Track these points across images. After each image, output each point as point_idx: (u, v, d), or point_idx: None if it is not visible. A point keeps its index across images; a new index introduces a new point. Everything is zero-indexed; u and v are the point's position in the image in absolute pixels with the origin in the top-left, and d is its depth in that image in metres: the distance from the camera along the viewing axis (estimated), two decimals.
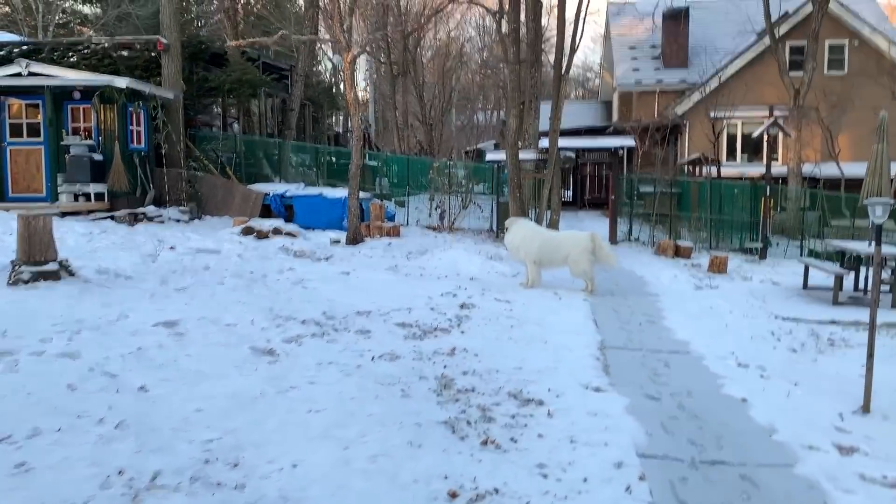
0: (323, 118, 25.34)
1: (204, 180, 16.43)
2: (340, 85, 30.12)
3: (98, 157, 14.53)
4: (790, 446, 4.88)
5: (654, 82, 27.40)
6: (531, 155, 17.53)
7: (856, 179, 18.35)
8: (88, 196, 14.36)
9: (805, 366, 7.23)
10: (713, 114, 21.66)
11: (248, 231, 13.98)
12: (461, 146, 43.13)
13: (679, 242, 15.70)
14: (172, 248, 11.34)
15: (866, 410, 5.67)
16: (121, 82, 14.37)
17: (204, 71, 18.10)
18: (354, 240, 13.92)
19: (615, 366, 6.76)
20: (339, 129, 31.44)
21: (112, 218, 13.71)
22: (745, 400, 5.80)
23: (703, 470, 4.49)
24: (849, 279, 11.37)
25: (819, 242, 16.03)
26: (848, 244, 11.71)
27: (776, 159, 22.12)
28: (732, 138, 24.25)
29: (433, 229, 16.84)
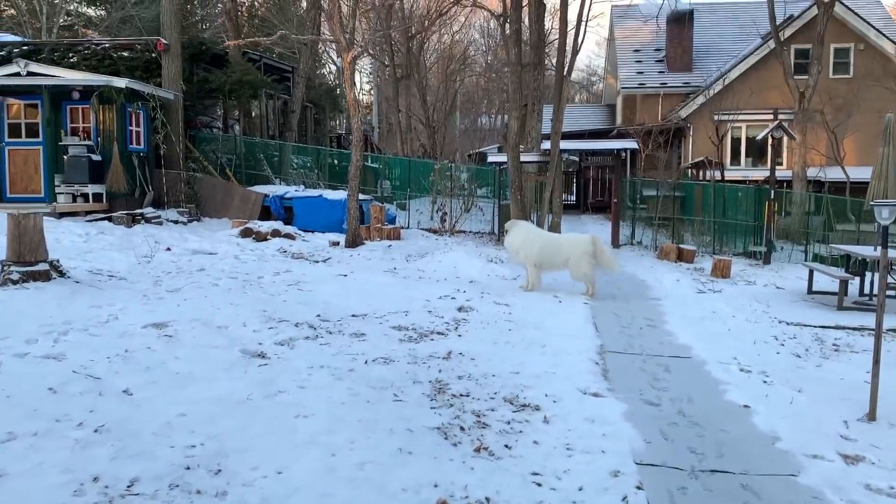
0: (325, 120, 25.25)
1: (203, 182, 16.33)
2: (344, 87, 30.03)
3: (96, 158, 14.45)
4: (793, 455, 4.73)
5: (658, 85, 27.25)
6: (533, 157, 17.40)
7: (861, 183, 18.16)
8: (87, 197, 14.28)
9: (809, 372, 7.07)
10: (717, 117, 21.50)
11: (247, 233, 13.87)
12: (465, 150, 43.05)
13: (682, 246, 15.54)
14: (168, 250, 11.23)
15: (872, 418, 5.51)
16: (120, 82, 14.29)
17: (204, 72, 18.01)
18: (354, 242, 13.79)
19: (614, 370, 6.61)
20: (342, 132, 31.35)
21: (110, 219, 13.60)
22: (748, 406, 5.64)
23: (703, 479, 4.34)
24: (854, 284, 11.21)
25: (824, 247, 15.87)
26: (853, 248, 11.56)
27: (781, 163, 21.94)
28: (737, 142, 24.07)
29: (434, 232, 16.72)
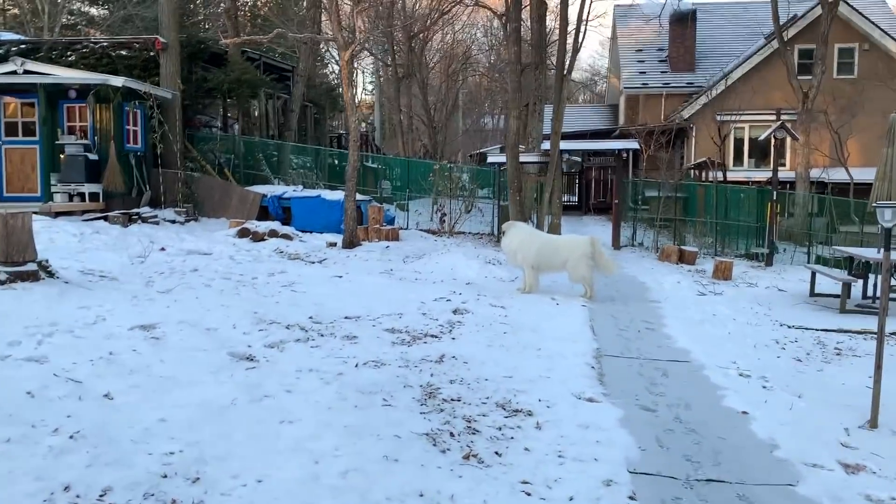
0: (325, 120, 25.13)
1: (201, 181, 16.23)
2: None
3: (93, 157, 14.33)
4: (792, 464, 4.60)
5: (661, 85, 27.09)
6: (533, 157, 17.27)
7: (865, 185, 18.00)
8: (83, 196, 14.16)
9: (810, 376, 6.94)
10: (720, 117, 21.33)
11: (244, 233, 13.76)
12: (468, 150, 42.92)
13: (683, 248, 15.40)
14: (163, 250, 11.12)
15: (874, 425, 5.38)
16: (116, 81, 14.18)
17: (203, 71, 17.91)
18: (351, 243, 13.66)
19: (610, 375, 6.49)
20: (343, 131, 31.25)
21: (106, 219, 13.49)
22: (746, 413, 5.52)
23: (698, 489, 4.21)
24: (857, 286, 11.06)
25: (827, 249, 15.71)
26: (856, 250, 11.41)
27: (784, 164, 21.78)
28: (739, 142, 23.89)
29: (433, 233, 16.60)
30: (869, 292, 11.14)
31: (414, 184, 19.27)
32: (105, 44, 17.18)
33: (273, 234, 13.86)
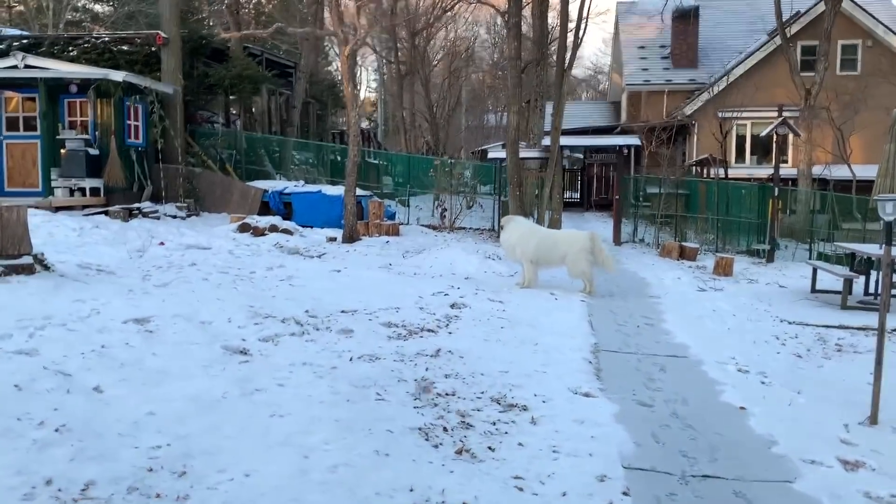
0: (328, 116, 25.07)
1: (202, 176, 16.19)
2: None
3: (94, 152, 14.33)
4: (790, 460, 4.54)
5: (663, 82, 26.96)
6: (534, 153, 17.18)
7: (868, 181, 17.88)
8: (84, 191, 14.16)
9: (810, 372, 6.87)
10: (722, 114, 21.22)
11: (245, 228, 13.72)
12: (471, 147, 42.82)
13: (684, 244, 15.32)
14: (162, 244, 11.09)
15: (874, 422, 5.31)
16: (117, 76, 14.17)
17: (204, 66, 17.87)
18: (351, 238, 13.61)
19: (608, 370, 6.43)
20: (345, 128, 31.18)
21: (106, 213, 13.48)
22: (744, 408, 5.46)
23: (694, 485, 4.15)
24: (858, 283, 10.98)
25: (829, 246, 15.61)
26: (858, 246, 11.32)
27: (786, 161, 21.67)
28: (742, 139, 23.78)
29: (434, 228, 16.54)
30: (871, 289, 11.06)
31: (415, 180, 19.21)
32: (107, 39, 17.16)
33: (273, 229, 13.82)
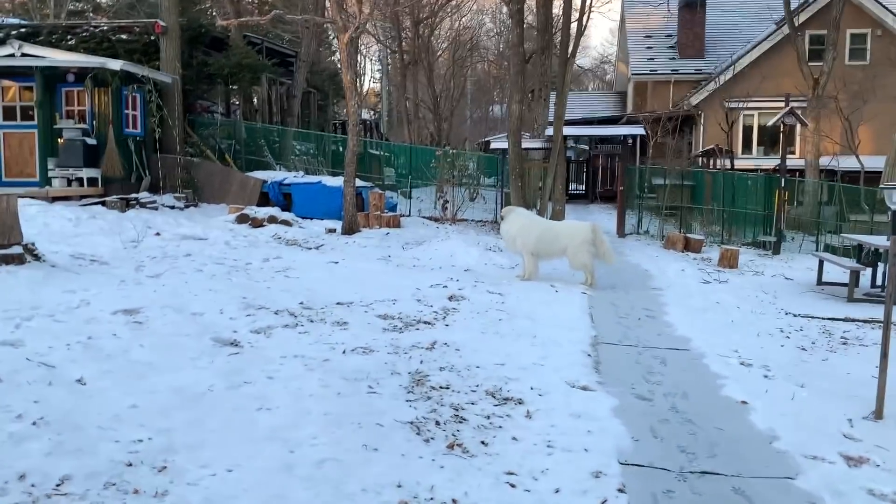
0: (329, 106, 24.89)
1: (201, 167, 16.06)
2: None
3: (91, 142, 14.20)
4: (791, 456, 4.40)
5: (670, 72, 26.71)
6: (538, 144, 17.00)
7: (876, 172, 17.66)
8: (81, 181, 14.03)
9: (814, 366, 6.72)
10: (728, 104, 20.98)
11: (243, 219, 13.60)
12: (475, 139, 42.62)
13: (689, 235, 15.14)
14: (158, 235, 10.97)
15: (879, 416, 5.16)
16: (114, 65, 14.02)
17: (204, 55, 17.70)
18: (350, 229, 13.47)
19: (607, 363, 6.29)
20: (347, 118, 31.00)
21: (103, 204, 13.35)
22: (746, 402, 5.32)
23: (692, 481, 4.02)
24: (865, 275, 10.80)
25: (836, 238, 15.42)
26: (866, 238, 11.14)
27: (793, 152, 21.44)
28: (748, 130, 23.53)
29: (435, 220, 16.39)
30: (878, 281, 10.87)
31: (417, 171, 19.03)
32: (105, 28, 16.99)
33: (272, 220, 13.70)
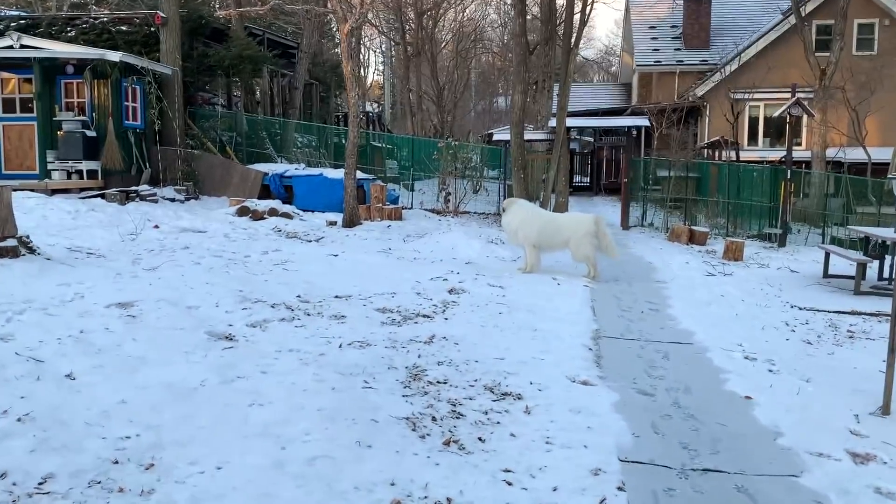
0: (331, 98, 24.75)
1: (202, 159, 15.96)
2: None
3: (91, 134, 14.11)
4: (796, 452, 4.30)
5: (675, 63, 26.47)
6: (541, 135, 16.85)
7: (884, 164, 17.46)
8: (81, 174, 13.94)
9: (820, 360, 6.60)
10: (734, 95, 20.77)
11: (244, 211, 13.50)
12: (479, 131, 42.47)
13: (694, 228, 15.00)
14: (157, 227, 10.89)
15: (886, 412, 5.05)
16: (113, 56, 13.90)
17: (204, 47, 17.59)
18: (351, 222, 13.36)
19: (608, 357, 6.18)
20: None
21: (103, 196, 13.27)
22: (749, 398, 5.22)
23: (694, 479, 3.92)
24: (872, 268, 10.66)
25: (843, 230, 15.26)
26: (872, 230, 11.00)
27: (799, 143, 21.23)
28: (754, 121, 23.30)
29: (438, 213, 16.28)
30: (885, 273, 10.74)
31: (421, 164, 18.88)
32: (105, 19, 16.87)
33: (273, 213, 13.60)
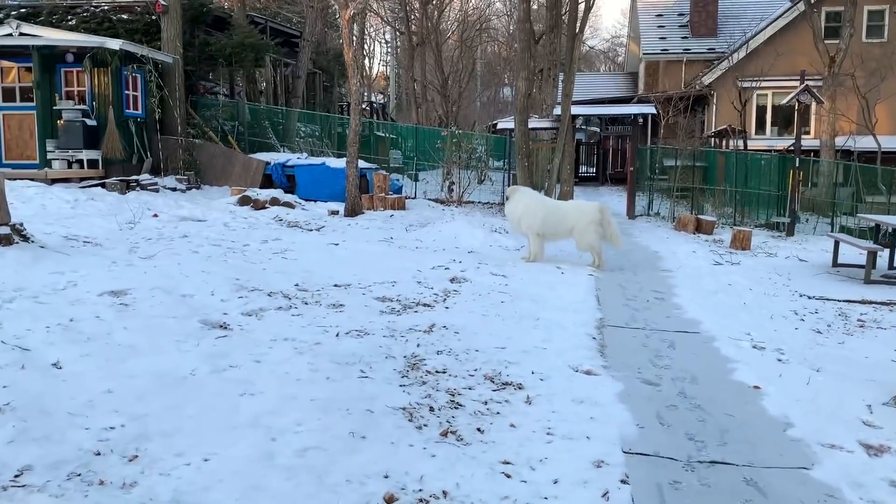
0: (334, 87, 24.56)
1: (203, 148, 15.83)
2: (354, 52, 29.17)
3: (91, 123, 13.99)
4: (807, 444, 4.15)
5: (681, 51, 26.23)
6: (546, 123, 16.66)
7: (894, 152, 17.23)
8: (82, 163, 13.84)
9: (830, 349, 6.44)
10: (742, 83, 20.51)
11: (245, 201, 13.37)
12: (484, 122, 42.24)
13: (701, 217, 14.81)
14: (155, 216, 10.77)
15: None
16: (113, 44, 13.77)
17: (206, 35, 17.43)
18: (353, 211, 13.21)
19: (613, 346, 6.03)
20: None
21: (103, 185, 13.16)
22: (758, 387, 5.06)
23: (700, 471, 3.77)
24: (883, 256, 10.47)
25: (852, 220, 15.04)
26: (883, 218, 10.80)
27: (808, 132, 20.96)
28: (762, 110, 23.04)
29: (441, 202, 16.13)
30: None
31: (425, 154, 18.70)
32: (106, 7, 16.72)
33: (274, 202, 13.46)
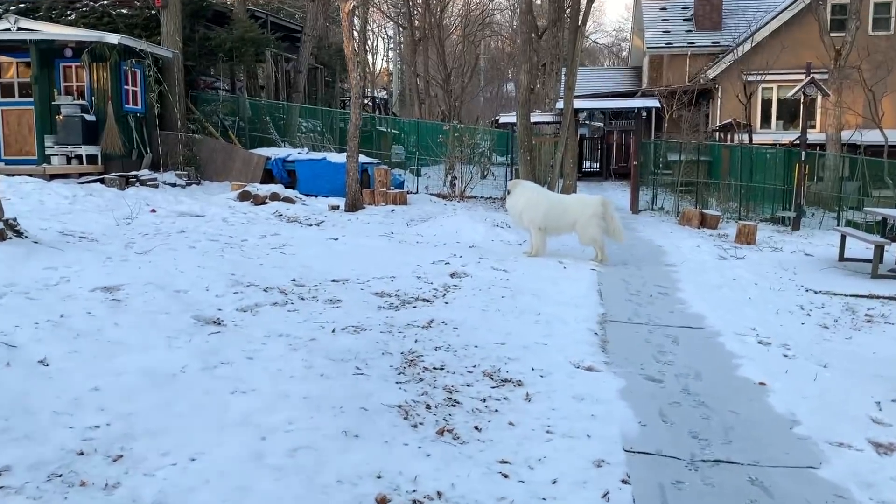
0: (336, 82, 24.43)
1: (204, 143, 15.72)
2: (356, 46, 29.01)
3: (90, 118, 13.89)
4: (814, 442, 4.03)
5: (686, 45, 26.00)
6: (548, 117, 16.50)
7: None
8: (81, 159, 13.73)
9: (837, 345, 6.30)
10: (747, 77, 20.31)
11: (245, 196, 13.26)
12: (488, 117, 42.09)
13: (705, 211, 14.66)
14: (153, 211, 10.66)
15: None
16: (112, 39, 13.65)
17: (206, 29, 17.31)
18: (354, 206, 13.09)
19: (615, 342, 5.90)
20: None
21: (102, 181, 13.06)
22: (764, 384, 4.95)
23: (704, 471, 3.65)
24: (890, 250, 10.31)
25: (858, 214, 14.86)
26: (890, 212, 10.65)
27: (814, 126, 20.75)
28: (767, 104, 22.82)
29: (443, 197, 16.00)
30: None
31: (427, 149, 18.56)
32: (105, 2, 16.61)
33: (275, 198, 13.35)
